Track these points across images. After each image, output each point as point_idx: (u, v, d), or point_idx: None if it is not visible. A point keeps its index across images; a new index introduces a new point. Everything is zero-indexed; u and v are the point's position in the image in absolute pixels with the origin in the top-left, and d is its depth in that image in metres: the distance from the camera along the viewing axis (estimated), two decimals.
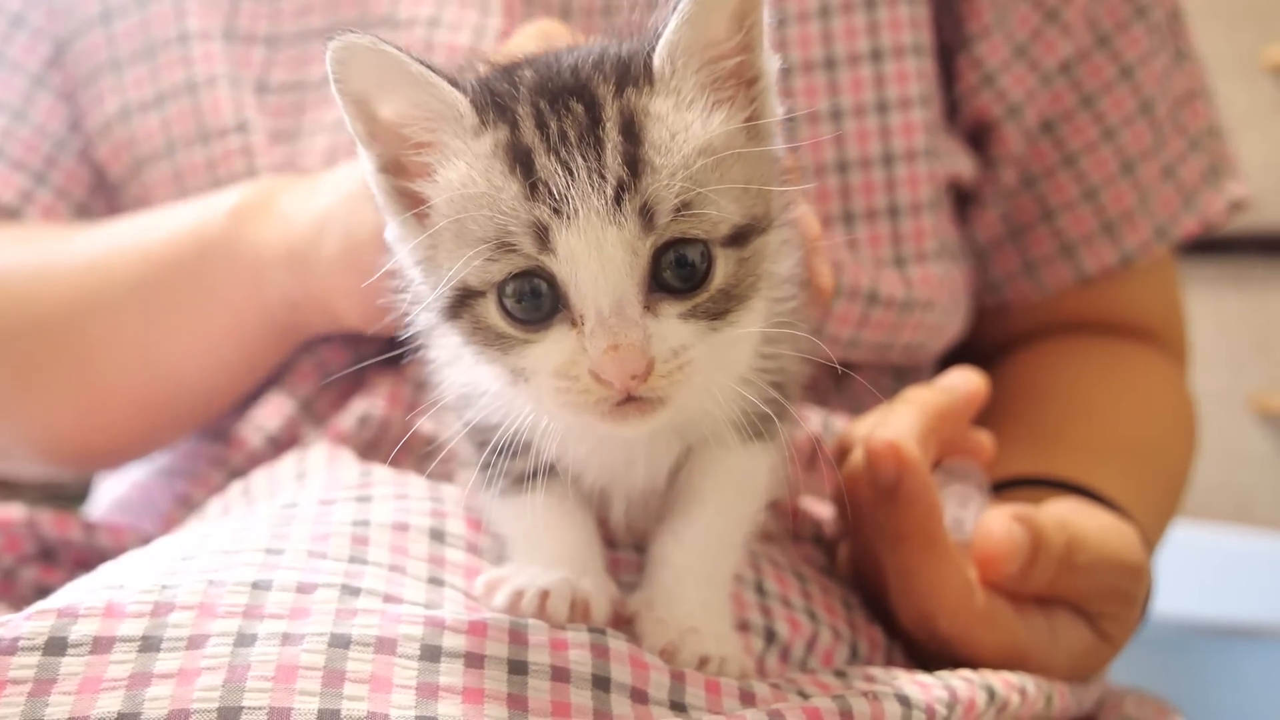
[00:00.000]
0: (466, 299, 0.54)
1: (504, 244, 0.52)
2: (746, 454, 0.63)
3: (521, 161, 0.52)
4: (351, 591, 0.56)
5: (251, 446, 0.84)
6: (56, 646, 0.50)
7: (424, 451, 0.72)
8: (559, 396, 0.54)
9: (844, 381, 0.90)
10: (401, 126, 0.55)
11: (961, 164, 0.95)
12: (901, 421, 0.70)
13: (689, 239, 0.52)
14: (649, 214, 0.51)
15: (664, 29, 0.54)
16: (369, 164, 0.57)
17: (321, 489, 0.68)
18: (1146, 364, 0.99)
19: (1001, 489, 0.81)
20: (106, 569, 0.61)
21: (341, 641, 0.52)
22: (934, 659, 0.69)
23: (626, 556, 0.67)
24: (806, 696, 0.58)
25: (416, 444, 0.74)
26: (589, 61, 0.55)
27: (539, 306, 0.53)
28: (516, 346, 0.54)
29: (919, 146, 0.89)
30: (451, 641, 0.54)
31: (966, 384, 0.76)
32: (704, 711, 0.55)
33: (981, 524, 0.69)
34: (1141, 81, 0.97)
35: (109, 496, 0.99)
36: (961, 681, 0.61)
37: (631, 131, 0.52)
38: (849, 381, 0.90)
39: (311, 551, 0.59)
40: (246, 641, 0.52)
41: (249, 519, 0.65)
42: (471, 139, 0.54)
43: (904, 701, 0.56)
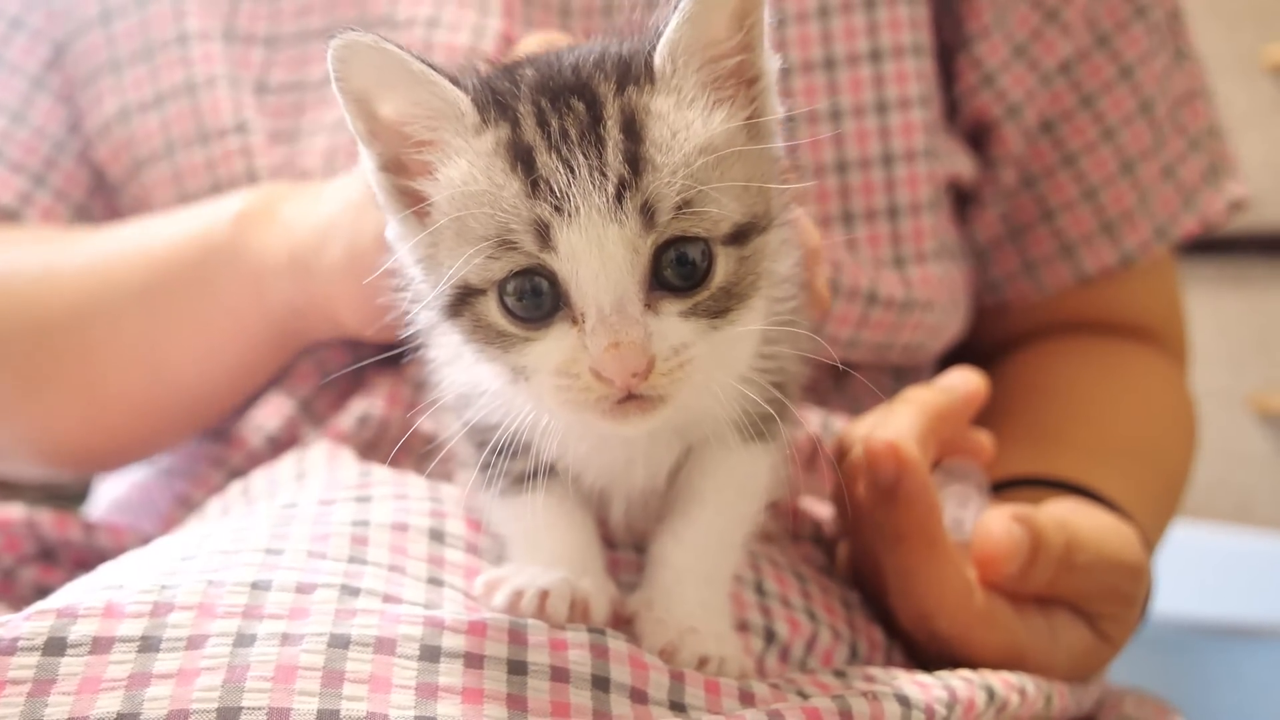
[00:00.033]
0: (467, 297, 0.54)
1: (505, 242, 0.52)
2: (747, 454, 0.63)
3: (523, 159, 0.52)
4: (351, 592, 0.56)
5: (251, 446, 0.84)
6: (56, 647, 0.50)
7: (424, 451, 0.71)
8: (559, 395, 0.53)
9: (844, 381, 0.90)
10: (402, 125, 0.55)
11: (961, 164, 0.95)
12: (901, 421, 0.70)
13: (690, 237, 0.52)
14: (650, 212, 0.51)
15: (665, 28, 0.54)
16: (370, 162, 0.57)
17: (321, 489, 0.68)
18: (1146, 364, 0.99)
19: (1001, 489, 0.81)
20: (106, 569, 0.61)
21: (341, 642, 0.52)
22: (933, 659, 0.69)
23: (626, 556, 0.67)
24: (806, 696, 0.57)
25: (416, 444, 0.74)
26: (590, 60, 0.55)
27: (540, 304, 0.53)
28: (517, 345, 0.54)
29: (918, 147, 0.89)
30: (451, 642, 0.54)
31: (966, 384, 0.76)
32: (703, 711, 0.55)
33: (981, 524, 0.69)
34: (1141, 81, 0.97)
35: (108, 497, 0.99)
36: (961, 681, 0.61)
37: (632, 129, 0.52)
38: (849, 381, 0.90)
39: (311, 552, 0.59)
40: (246, 642, 0.52)
41: (248, 519, 0.64)
42: (472, 137, 0.54)
43: (903, 701, 0.56)
